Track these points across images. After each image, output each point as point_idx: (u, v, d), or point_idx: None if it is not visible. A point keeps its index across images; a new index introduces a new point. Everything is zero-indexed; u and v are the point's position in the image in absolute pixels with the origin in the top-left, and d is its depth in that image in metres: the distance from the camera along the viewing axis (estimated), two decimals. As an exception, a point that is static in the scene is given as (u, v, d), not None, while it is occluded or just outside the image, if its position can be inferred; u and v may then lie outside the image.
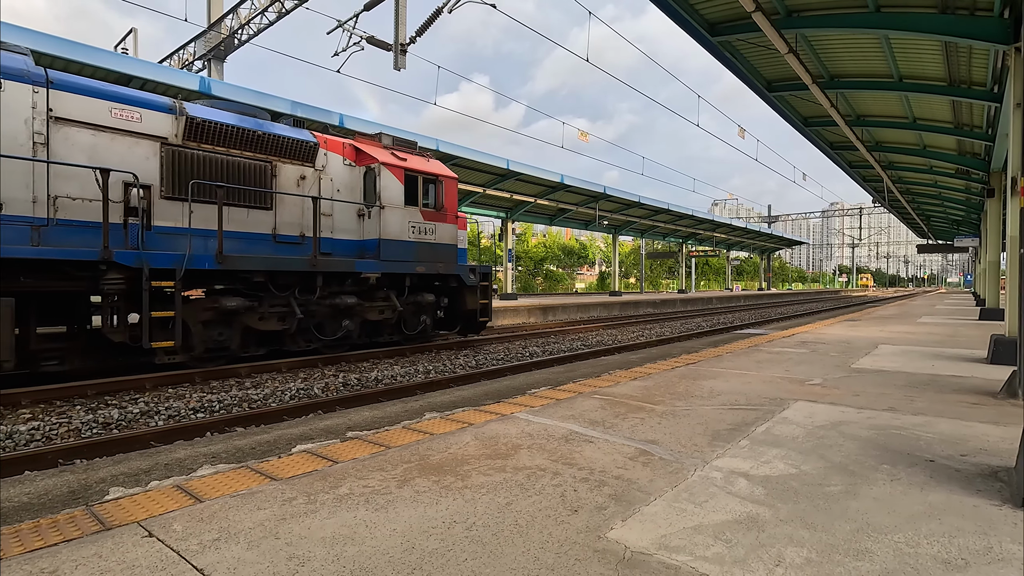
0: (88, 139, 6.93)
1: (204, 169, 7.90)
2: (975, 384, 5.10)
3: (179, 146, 7.70)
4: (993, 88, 9.18)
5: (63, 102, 6.73)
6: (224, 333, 8.11)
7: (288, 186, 8.87)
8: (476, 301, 11.37)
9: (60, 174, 6.67)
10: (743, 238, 47.39)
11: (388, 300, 10.12)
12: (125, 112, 7.26)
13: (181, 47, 18.81)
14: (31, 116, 6.46)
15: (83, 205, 6.82)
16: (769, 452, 3.06)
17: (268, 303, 8.51)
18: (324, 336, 9.28)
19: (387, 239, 9.77)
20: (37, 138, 6.51)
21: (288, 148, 8.85)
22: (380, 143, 10.47)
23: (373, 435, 3.43)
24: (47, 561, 1.86)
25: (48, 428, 5.30)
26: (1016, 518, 2.23)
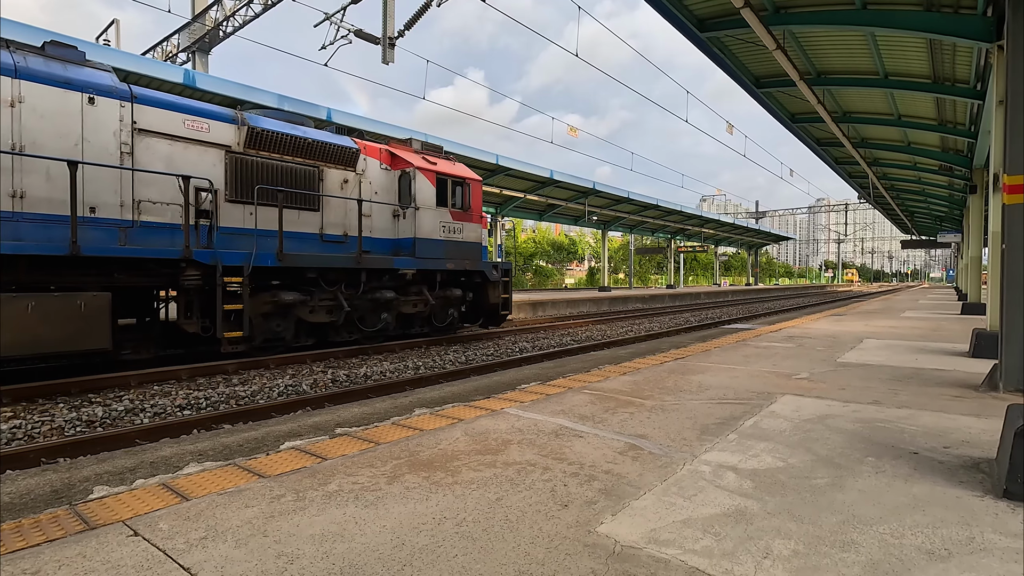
0: (166, 148, 7.66)
1: (262, 174, 8.64)
2: (957, 377, 5.19)
3: (241, 153, 8.43)
4: (976, 85, 9.30)
5: (145, 115, 7.45)
6: (281, 324, 8.78)
7: (333, 189, 9.60)
8: (498, 296, 12.08)
9: (142, 180, 7.39)
10: (731, 234, 47.76)
11: (421, 295, 10.84)
12: (196, 123, 7.99)
13: (164, 39, 18.49)
14: (119, 128, 7.19)
15: (161, 208, 7.55)
16: (757, 446, 3.09)
17: (318, 297, 9.18)
18: (365, 328, 9.97)
19: (421, 238, 10.51)
20: (124, 148, 7.23)
21: (333, 154, 9.57)
22: (411, 148, 11.26)
23: (362, 431, 3.42)
24: (29, 562, 1.83)
25: (30, 426, 5.22)
26: (997, 508, 2.27)
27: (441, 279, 11.20)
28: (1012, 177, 4.35)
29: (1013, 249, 4.36)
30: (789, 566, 1.82)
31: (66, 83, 6.79)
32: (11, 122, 6.39)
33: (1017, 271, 4.32)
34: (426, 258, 10.53)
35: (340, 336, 9.69)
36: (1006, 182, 4.42)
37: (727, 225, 44.01)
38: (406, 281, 10.51)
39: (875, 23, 7.60)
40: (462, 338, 11.53)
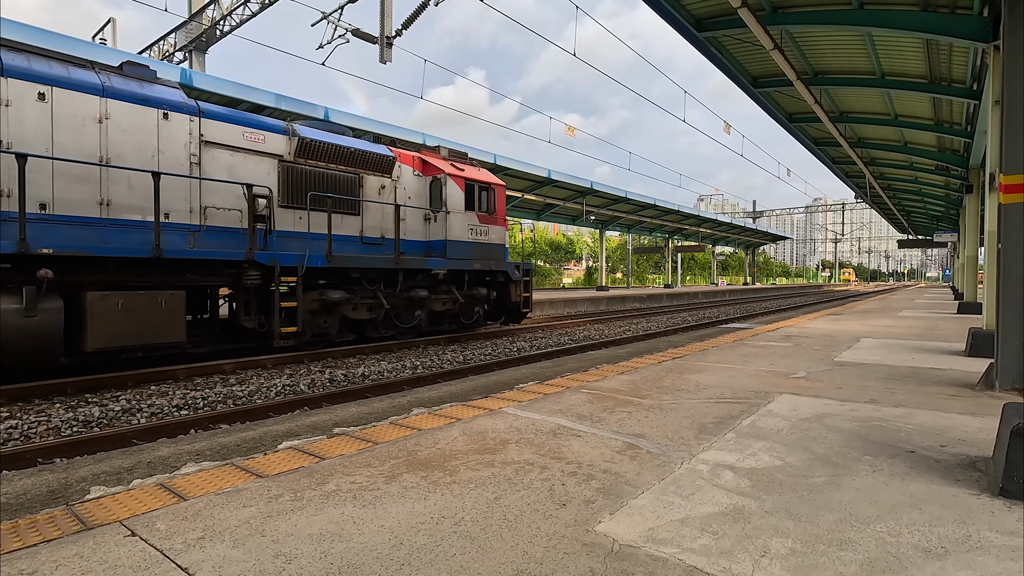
0: (228, 158, 8.28)
1: (310, 181, 9.28)
2: (954, 376, 5.21)
3: (292, 162, 9.07)
4: (972, 85, 9.33)
5: (210, 128, 8.08)
6: (327, 321, 9.42)
7: (371, 195, 10.28)
8: (519, 294, 12.80)
9: (207, 188, 7.98)
10: (728, 233, 47.83)
11: (450, 293, 11.49)
12: (253, 135, 8.63)
13: (161, 38, 18.44)
14: (188, 141, 7.83)
15: (224, 213, 8.18)
16: (754, 445, 3.09)
17: (360, 295, 9.83)
18: (401, 324, 10.62)
19: (452, 240, 11.23)
20: (192, 159, 7.86)
21: (372, 162, 10.24)
22: (440, 155, 11.94)
23: (360, 431, 3.41)
24: (26, 562, 1.83)
25: (27, 427, 5.20)
26: (994, 507, 2.28)
27: (468, 279, 11.83)
28: (1008, 177, 4.37)
29: (1009, 248, 4.38)
30: (787, 564, 1.82)
31: (144, 100, 7.45)
32: (99, 137, 7.04)
33: (1013, 270, 4.34)
34: (456, 259, 11.24)
35: (377, 332, 10.27)
36: (1002, 182, 4.44)
37: (724, 225, 44.06)
38: (437, 280, 11.17)
39: (872, 23, 7.62)
40: (460, 338, 11.54)
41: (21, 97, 6.48)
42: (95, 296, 6.58)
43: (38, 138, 6.59)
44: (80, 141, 6.88)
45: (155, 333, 7.04)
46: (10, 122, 6.37)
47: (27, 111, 6.50)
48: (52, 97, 6.68)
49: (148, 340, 7.02)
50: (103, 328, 6.59)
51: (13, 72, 6.40)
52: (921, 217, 32.05)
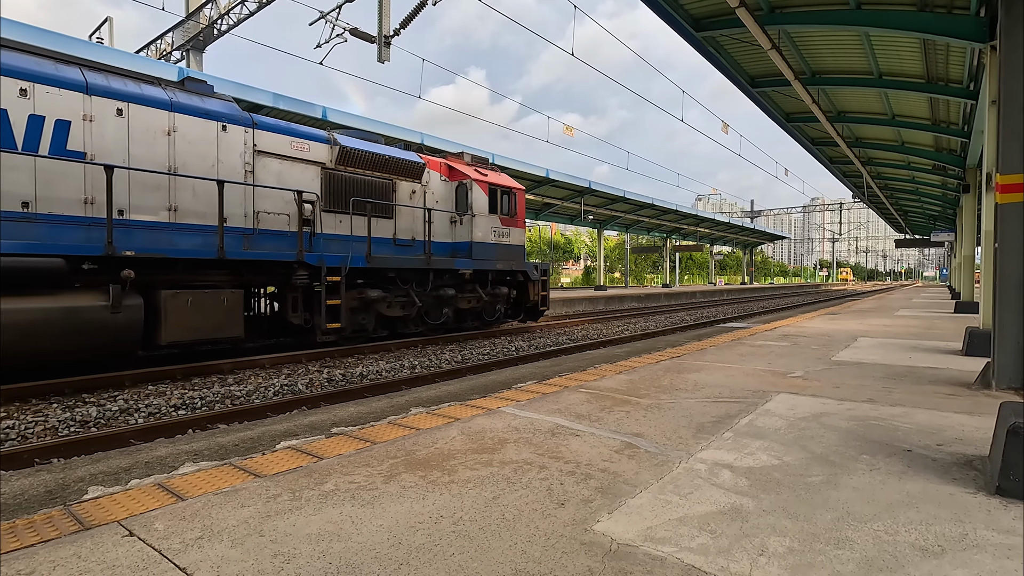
0: (277, 166, 8.92)
1: (349, 187, 9.88)
2: (951, 375, 5.23)
3: (333, 169, 9.68)
4: (969, 85, 9.35)
5: (262, 138, 8.71)
6: (365, 318, 10.07)
7: (403, 199, 10.94)
8: (537, 293, 13.58)
9: (260, 194, 8.63)
10: (726, 233, 47.89)
11: (475, 292, 12.22)
12: (300, 144, 9.24)
13: (158, 37, 18.39)
14: (244, 151, 8.46)
15: (274, 217, 8.82)
16: (752, 444, 3.10)
17: (394, 294, 10.50)
18: (430, 321, 11.30)
19: (477, 242, 11.95)
20: (247, 167, 8.49)
21: (404, 168, 10.88)
22: (464, 161, 12.57)
23: (359, 431, 3.41)
24: (23, 562, 1.82)
25: (24, 427, 5.18)
26: (990, 505, 2.29)
27: (491, 278, 12.54)
28: (1005, 176, 4.38)
29: (1006, 248, 4.39)
30: (784, 563, 1.83)
31: (205, 114, 8.08)
32: (168, 148, 7.65)
33: (1009, 270, 4.35)
34: (480, 259, 11.96)
35: (408, 328, 10.94)
36: (999, 181, 4.45)
37: (722, 224, 44.12)
38: (463, 280, 11.88)
39: (869, 23, 7.63)
40: (458, 338, 11.54)
41: (102, 113, 7.10)
42: (168, 294, 7.23)
43: (116, 150, 7.20)
44: (152, 152, 7.50)
45: (218, 328, 7.74)
46: (93, 136, 7.00)
47: (107, 125, 7.13)
48: (128, 112, 7.32)
49: (212, 335, 7.72)
50: (175, 323, 7.27)
51: (96, 90, 7.04)
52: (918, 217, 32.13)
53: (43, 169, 6.58)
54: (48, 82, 6.67)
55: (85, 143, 6.91)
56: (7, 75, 6.37)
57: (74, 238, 6.79)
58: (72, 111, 6.85)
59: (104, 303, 6.56)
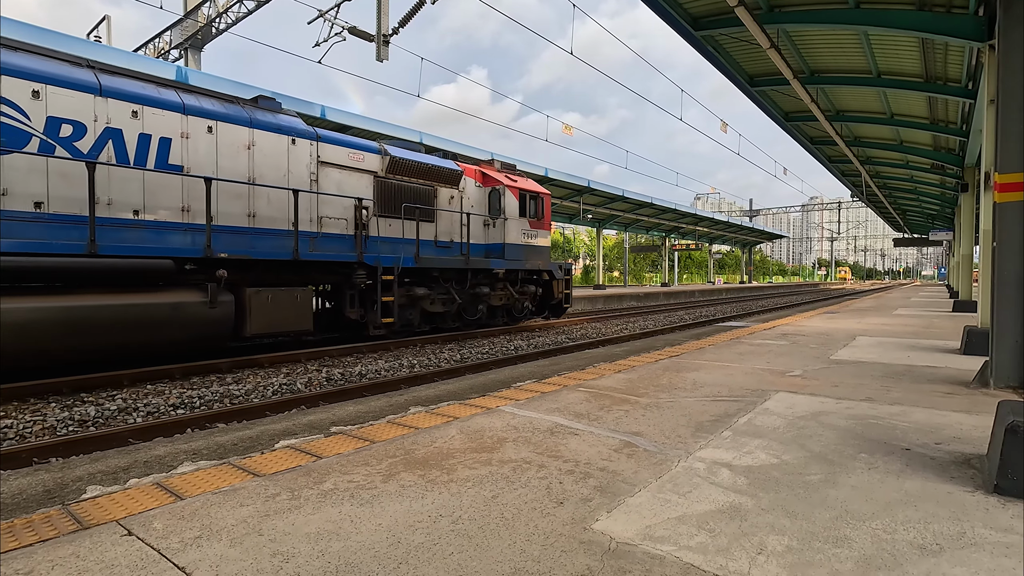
0: (337, 175, 9.72)
1: (398, 193, 10.69)
2: (949, 374, 5.23)
3: (384, 177, 10.50)
4: (968, 85, 9.36)
5: (324, 150, 9.51)
6: (411, 313, 10.89)
7: (443, 204, 11.70)
8: (561, 291, 14.44)
9: (322, 200, 9.37)
10: (725, 232, 47.92)
11: (506, 290, 13.11)
12: (356, 155, 10.06)
13: (157, 35, 18.35)
14: (310, 162, 9.26)
15: (334, 222, 9.62)
16: (751, 443, 3.11)
17: (436, 292, 11.34)
18: (467, 317, 12.16)
19: (509, 243, 12.82)
20: (312, 176, 9.28)
21: (444, 176, 11.69)
22: (495, 167, 13.53)
23: (357, 430, 3.41)
24: (22, 562, 1.82)
25: (22, 426, 5.18)
26: (988, 504, 2.29)
27: (520, 277, 13.49)
28: (1003, 176, 4.39)
29: (1004, 247, 4.40)
30: (783, 562, 1.83)
31: (278, 129, 8.89)
32: (248, 161, 8.46)
33: (1008, 269, 4.36)
34: (511, 260, 12.82)
35: (447, 324, 11.78)
36: (997, 180, 4.46)
37: (721, 223, 44.14)
38: (496, 279, 12.74)
39: (868, 22, 7.63)
40: (457, 337, 11.55)
41: (196, 131, 7.94)
42: (252, 291, 8.04)
43: (207, 163, 8.00)
44: (235, 165, 8.32)
45: (292, 322, 8.52)
46: (189, 151, 7.84)
47: (200, 142, 7.96)
48: (217, 130, 8.14)
49: (287, 328, 8.53)
50: (259, 318, 8.08)
51: (191, 111, 7.88)
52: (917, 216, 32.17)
53: (150, 181, 7.46)
54: (153, 104, 7.52)
55: (183, 158, 7.78)
56: (122, 99, 7.23)
57: (176, 241, 7.67)
58: (172, 130, 7.70)
59: (203, 299, 7.43)
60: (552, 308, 14.63)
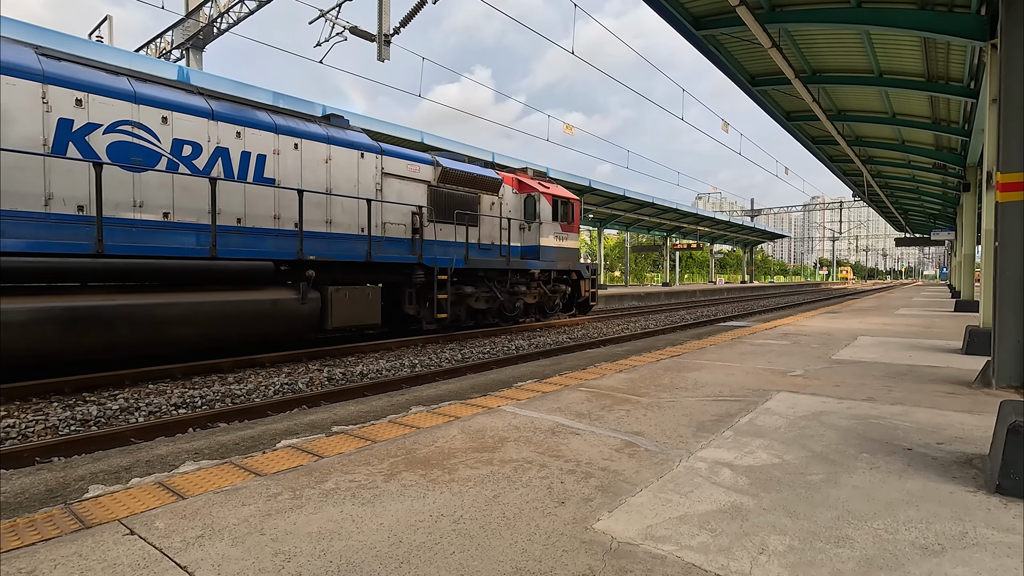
0: (397, 185, 10.70)
1: (448, 201, 11.65)
2: (951, 374, 5.23)
3: (435, 186, 11.43)
4: (970, 84, 9.34)
5: (387, 163, 10.48)
6: (459, 310, 11.93)
7: (485, 210, 12.74)
8: (588, 290, 15.60)
9: (385, 208, 10.40)
10: (726, 232, 47.87)
11: (539, 288, 14.22)
12: (413, 167, 11.04)
13: (158, 35, 18.37)
14: (375, 173, 10.26)
15: (395, 227, 10.61)
16: (753, 442, 3.10)
17: (481, 290, 12.39)
18: (506, 313, 13.29)
19: (543, 245, 13.93)
20: (377, 186, 10.28)
21: (486, 184, 12.72)
22: (528, 175, 14.66)
23: (359, 429, 3.41)
24: (24, 561, 1.82)
25: (24, 425, 5.19)
26: (990, 504, 2.29)
27: (553, 276, 14.61)
28: (1005, 175, 4.38)
29: (1006, 246, 4.39)
30: (784, 561, 1.83)
31: (349, 144, 9.84)
32: (326, 174, 9.44)
33: (1010, 268, 4.35)
34: (546, 260, 13.95)
35: (487, 319, 12.91)
36: (999, 180, 4.45)
37: (722, 223, 44.10)
38: (532, 278, 13.82)
39: (870, 21, 7.62)
40: (458, 336, 11.56)
41: (286, 148, 8.89)
42: (334, 289, 9.05)
43: (294, 176, 8.93)
44: (316, 177, 9.27)
45: (365, 316, 9.57)
46: (279, 166, 8.79)
47: (288, 157, 8.92)
48: (301, 146, 9.10)
49: (361, 322, 9.55)
50: (339, 312, 9.08)
51: (281, 130, 8.86)
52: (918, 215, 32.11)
53: (250, 193, 8.42)
54: (252, 125, 8.51)
55: (275, 172, 8.75)
56: (228, 122, 8.24)
57: (269, 245, 8.60)
58: (267, 147, 8.67)
59: (296, 296, 8.53)
60: (579, 306, 15.70)
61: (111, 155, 7.08)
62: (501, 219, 12.96)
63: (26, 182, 6.43)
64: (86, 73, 7.05)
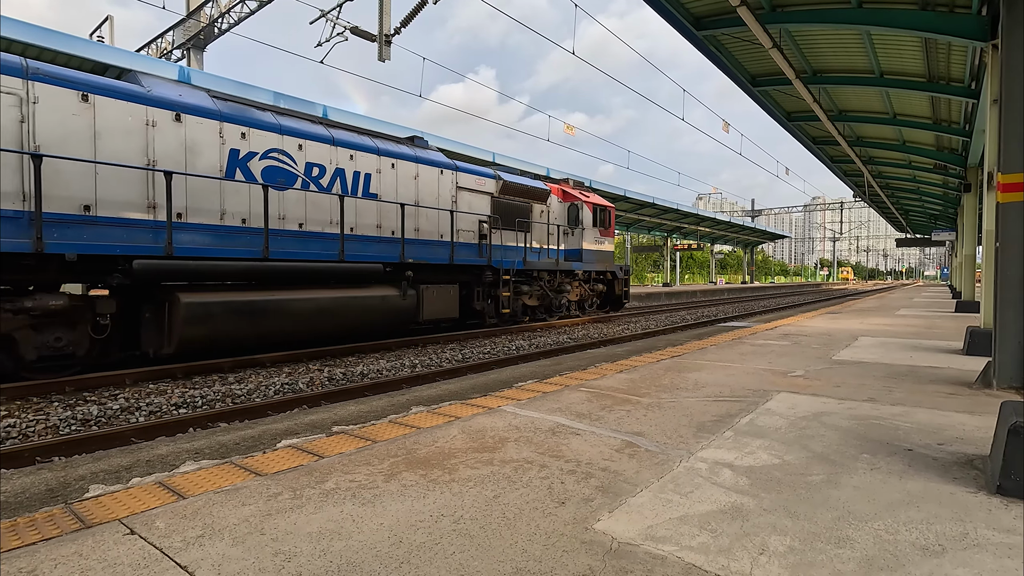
0: (468, 197, 12.18)
1: (506, 210, 13.15)
2: (951, 375, 5.22)
3: (497, 197, 12.96)
4: (971, 84, 9.33)
5: (460, 178, 11.99)
6: (516, 305, 13.42)
7: (535, 217, 14.24)
8: (621, 289, 17.38)
9: (459, 217, 11.79)
10: (727, 232, 47.85)
11: (581, 287, 15.92)
12: (480, 181, 12.48)
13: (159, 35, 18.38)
14: (451, 187, 11.79)
15: (466, 233, 12.08)
16: (753, 443, 3.10)
17: (534, 288, 14.05)
18: (553, 309, 14.84)
19: (585, 249, 15.60)
20: (452, 198, 11.80)
21: (537, 194, 14.27)
22: (570, 185, 16.49)
23: (359, 429, 3.41)
24: (25, 560, 1.83)
25: (25, 425, 5.19)
26: (991, 504, 2.29)
27: (592, 276, 16.30)
28: (1006, 176, 4.37)
29: (1007, 247, 4.38)
30: (785, 562, 1.83)
31: (431, 163, 11.38)
32: (415, 189, 10.92)
33: (1010, 269, 4.35)
34: (587, 262, 15.64)
35: (537, 315, 14.44)
36: (1000, 180, 4.45)
37: (723, 223, 44.09)
38: (575, 278, 15.46)
39: (871, 22, 7.61)
40: (459, 336, 11.56)
41: (385, 167, 10.40)
42: (424, 287, 10.77)
43: (391, 191, 10.50)
44: (407, 192, 10.80)
45: (447, 311, 11.29)
46: (381, 183, 10.34)
47: (387, 176, 10.44)
48: (396, 166, 10.63)
49: (444, 315, 11.24)
50: (429, 307, 10.84)
51: (383, 153, 10.40)
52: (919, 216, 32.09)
53: (360, 206, 9.92)
54: (361, 149, 10.00)
55: (378, 188, 10.27)
56: (344, 147, 9.71)
57: (373, 250, 10.04)
58: (372, 167, 10.17)
59: (398, 293, 10.15)
60: (614, 303, 17.43)
61: (264, 177, 8.59)
62: (549, 225, 14.47)
63: (207, 200, 7.90)
64: (245, 110, 8.57)
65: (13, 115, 6.26)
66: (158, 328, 7.46)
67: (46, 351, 6.69)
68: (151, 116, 7.38)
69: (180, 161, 7.62)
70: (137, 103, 7.28)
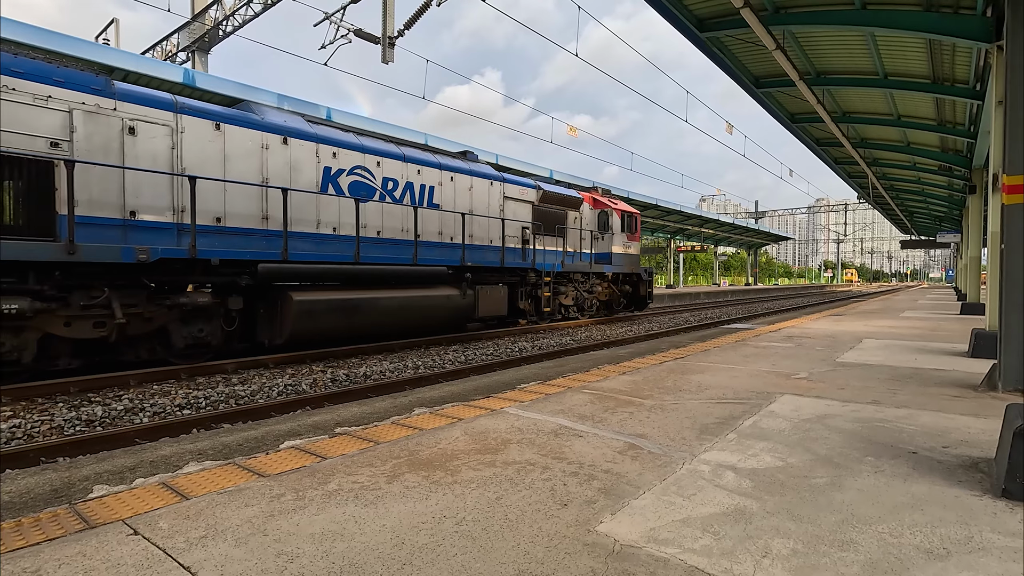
0: (513, 206, 13.25)
1: (545, 217, 14.11)
2: (956, 377, 5.20)
3: (537, 205, 13.94)
4: (975, 86, 9.30)
5: (507, 189, 13.09)
6: (555, 304, 14.53)
7: (570, 224, 15.14)
8: (646, 290, 18.35)
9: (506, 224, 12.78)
10: (730, 234, 47.76)
11: (610, 288, 17.04)
12: (523, 191, 13.58)
13: (164, 38, 18.47)
14: (499, 197, 12.87)
15: (512, 238, 13.05)
16: (756, 445, 3.09)
17: (569, 289, 15.12)
18: (584, 308, 15.87)
19: (615, 252, 16.72)
20: (500, 208, 12.86)
21: (571, 202, 15.22)
22: (599, 193, 17.42)
23: (362, 431, 3.42)
24: (29, 560, 1.83)
25: (30, 426, 5.21)
26: (996, 508, 2.27)
27: (620, 278, 17.42)
28: (1011, 177, 4.36)
29: (1012, 249, 4.36)
30: (788, 565, 1.82)
31: (483, 176, 12.44)
32: (469, 199, 11.99)
33: (1016, 271, 4.33)
34: (616, 265, 16.74)
35: (569, 314, 15.35)
36: (1005, 182, 4.43)
37: (726, 225, 44.00)
38: (604, 279, 16.61)
39: (874, 23, 7.59)
40: (462, 338, 11.57)
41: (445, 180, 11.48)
42: (480, 287, 11.87)
43: (450, 201, 11.53)
44: (463, 202, 11.84)
45: (499, 309, 12.43)
46: (442, 195, 11.38)
47: (446, 188, 11.49)
48: (454, 179, 11.69)
49: (496, 313, 12.43)
50: (484, 305, 11.97)
51: (444, 167, 11.52)
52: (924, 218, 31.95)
53: (425, 215, 10.90)
54: (427, 165, 11.12)
55: (440, 199, 11.31)
56: (413, 163, 10.81)
57: (437, 254, 11.11)
58: (434, 180, 11.26)
59: (459, 293, 11.23)
60: (638, 303, 18.40)
61: (350, 191, 9.71)
62: (582, 231, 15.55)
63: (307, 212, 9.04)
64: (333, 132, 9.76)
65: (167, 143, 7.48)
66: (270, 322, 8.58)
67: (191, 340, 7.85)
68: (265, 140, 8.54)
69: (286, 178, 8.79)
70: (255, 129, 8.45)
